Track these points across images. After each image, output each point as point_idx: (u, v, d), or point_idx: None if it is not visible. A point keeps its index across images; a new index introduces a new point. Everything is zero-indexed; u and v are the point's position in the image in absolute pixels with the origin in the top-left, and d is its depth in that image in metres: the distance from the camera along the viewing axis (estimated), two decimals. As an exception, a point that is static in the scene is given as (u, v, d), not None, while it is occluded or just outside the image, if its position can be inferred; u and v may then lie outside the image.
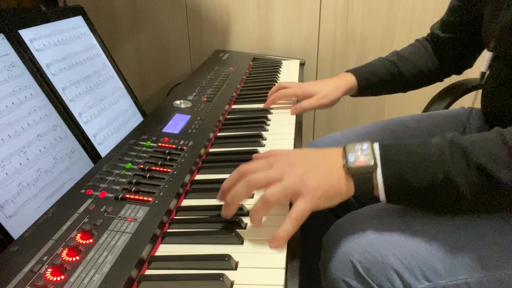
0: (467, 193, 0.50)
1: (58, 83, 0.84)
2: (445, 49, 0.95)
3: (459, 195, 0.51)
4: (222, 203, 0.59)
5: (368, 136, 0.96)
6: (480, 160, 0.49)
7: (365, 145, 0.55)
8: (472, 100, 0.85)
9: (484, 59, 0.75)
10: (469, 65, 0.98)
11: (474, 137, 0.52)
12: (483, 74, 0.76)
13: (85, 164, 0.82)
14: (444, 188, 0.51)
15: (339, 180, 0.54)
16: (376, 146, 0.55)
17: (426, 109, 1.08)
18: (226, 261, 0.50)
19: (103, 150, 0.87)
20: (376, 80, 0.98)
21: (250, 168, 0.57)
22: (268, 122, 0.91)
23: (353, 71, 0.99)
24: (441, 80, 1.02)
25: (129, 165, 0.69)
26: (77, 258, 0.49)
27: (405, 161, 0.53)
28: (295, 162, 0.56)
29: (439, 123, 0.94)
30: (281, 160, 0.57)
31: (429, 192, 0.52)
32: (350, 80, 0.98)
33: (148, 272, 0.51)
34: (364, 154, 0.54)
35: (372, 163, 0.53)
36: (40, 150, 0.73)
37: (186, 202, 0.65)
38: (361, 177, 0.54)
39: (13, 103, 0.72)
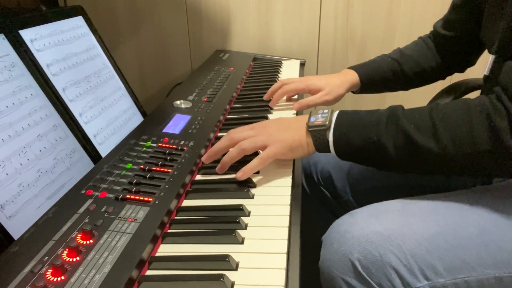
0: (393, 154, 0.60)
1: (58, 83, 0.84)
2: (448, 47, 0.95)
3: (387, 155, 0.61)
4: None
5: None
6: (406, 127, 0.59)
7: (326, 110, 0.69)
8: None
9: (488, 63, 0.74)
10: (472, 63, 0.98)
11: (411, 109, 0.62)
12: (486, 77, 0.76)
13: (86, 165, 0.82)
14: (376, 148, 0.62)
15: (301, 136, 0.68)
16: (336, 112, 0.68)
17: (426, 109, 1.08)
18: (227, 262, 0.50)
19: (104, 150, 0.87)
20: (379, 77, 0.98)
21: (237, 129, 0.73)
22: (268, 122, 0.91)
23: (356, 68, 0.99)
24: (443, 78, 1.02)
25: (129, 165, 0.69)
26: (78, 258, 0.49)
27: (352, 124, 0.65)
28: (269, 125, 0.72)
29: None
30: (261, 125, 0.72)
31: (365, 151, 0.63)
32: (352, 77, 0.97)
33: (148, 272, 0.51)
34: (322, 117, 0.67)
35: (327, 123, 0.66)
36: (40, 151, 0.73)
37: (186, 203, 0.65)
38: (316, 133, 0.66)
39: (13, 104, 0.72)
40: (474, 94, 0.85)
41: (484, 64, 0.78)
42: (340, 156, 0.67)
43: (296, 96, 1.02)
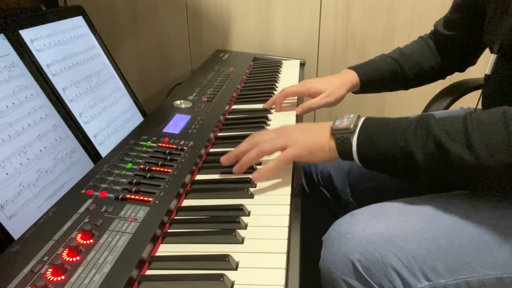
0: (422, 162, 0.56)
1: (58, 83, 0.84)
2: (448, 46, 0.95)
3: (415, 163, 0.57)
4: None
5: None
6: (436, 132, 0.55)
7: (352, 115, 0.65)
8: (476, 101, 0.84)
9: (489, 62, 0.74)
10: (472, 63, 0.97)
11: (444, 116, 0.58)
12: (488, 77, 0.76)
13: (86, 164, 0.82)
14: (403, 155, 0.58)
15: (323, 139, 0.66)
16: (362, 118, 0.65)
17: (426, 109, 1.08)
18: (227, 261, 0.50)
19: (104, 150, 0.87)
20: (378, 78, 0.98)
21: (260, 133, 0.72)
22: (268, 122, 0.91)
23: (355, 69, 0.99)
24: (444, 78, 1.02)
25: (129, 165, 0.69)
26: (78, 258, 0.49)
27: (378, 130, 0.61)
28: (292, 128, 0.71)
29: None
30: (283, 128, 0.71)
31: (391, 158, 0.59)
32: (352, 78, 0.97)
33: (148, 272, 0.51)
34: (348, 121, 0.64)
35: (352, 127, 0.63)
36: (40, 150, 0.73)
37: (186, 202, 0.65)
38: (340, 137, 0.64)
39: (13, 103, 0.72)
40: (474, 94, 0.86)
41: (483, 64, 0.78)
42: (363, 162, 0.63)
43: (296, 99, 1.02)
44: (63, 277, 0.47)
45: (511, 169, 0.52)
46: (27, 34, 0.82)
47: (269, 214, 0.61)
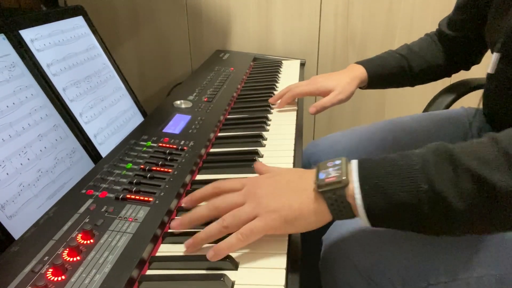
0: (458, 205, 0.43)
1: (58, 83, 0.84)
2: (453, 46, 0.96)
3: (450, 208, 0.44)
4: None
5: (368, 136, 0.96)
6: (468, 164, 0.43)
7: (338, 161, 0.51)
8: (478, 100, 0.85)
9: (491, 61, 0.74)
10: (477, 61, 0.98)
11: (462, 143, 0.47)
12: (490, 75, 0.75)
13: (86, 164, 0.82)
14: (430, 200, 0.44)
15: (304, 202, 0.50)
16: (354, 162, 0.50)
17: (427, 109, 1.08)
18: (227, 262, 0.50)
19: (104, 150, 0.87)
20: (386, 73, 0.97)
21: (223, 194, 0.56)
22: (269, 122, 0.91)
23: (364, 63, 0.98)
24: (450, 76, 1.03)
25: (129, 165, 0.69)
26: (78, 258, 0.49)
27: (385, 173, 0.47)
28: (262, 186, 0.54)
29: (439, 124, 0.95)
30: (252, 184, 0.55)
31: (415, 208, 0.45)
32: (361, 73, 0.97)
33: (149, 272, 0.51)
34: (336, 170, 0.49)
35: (344, 178, 0.48)
36: (40, 150, 0.73)
37: (186, 202, 0.65)
38: (332, 195, 0.48)
39: (13, 103, 0.72)
40: (475, 94, 0.86)
41: (484, 63, 0.78)
42: (375, 220, 0.48)
43: (296, 100, 1.02)
44: (63, 277, 0.47)
45: None
46: (27, 34, 0.82)
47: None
